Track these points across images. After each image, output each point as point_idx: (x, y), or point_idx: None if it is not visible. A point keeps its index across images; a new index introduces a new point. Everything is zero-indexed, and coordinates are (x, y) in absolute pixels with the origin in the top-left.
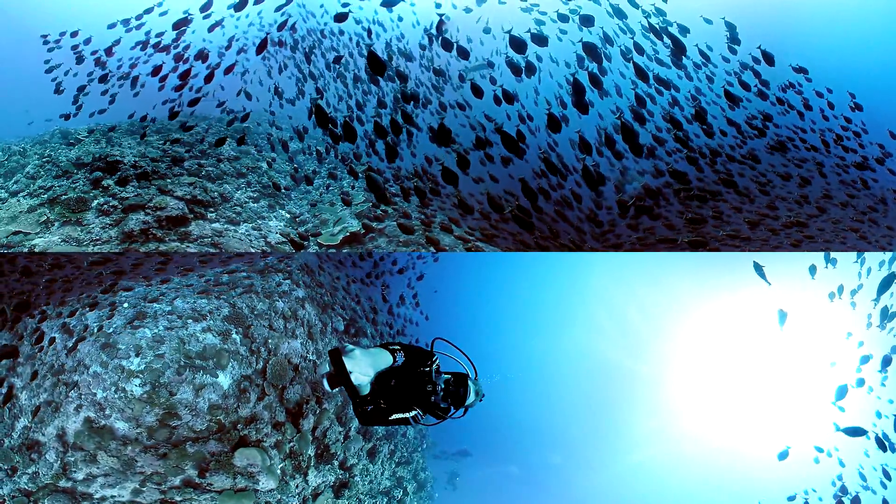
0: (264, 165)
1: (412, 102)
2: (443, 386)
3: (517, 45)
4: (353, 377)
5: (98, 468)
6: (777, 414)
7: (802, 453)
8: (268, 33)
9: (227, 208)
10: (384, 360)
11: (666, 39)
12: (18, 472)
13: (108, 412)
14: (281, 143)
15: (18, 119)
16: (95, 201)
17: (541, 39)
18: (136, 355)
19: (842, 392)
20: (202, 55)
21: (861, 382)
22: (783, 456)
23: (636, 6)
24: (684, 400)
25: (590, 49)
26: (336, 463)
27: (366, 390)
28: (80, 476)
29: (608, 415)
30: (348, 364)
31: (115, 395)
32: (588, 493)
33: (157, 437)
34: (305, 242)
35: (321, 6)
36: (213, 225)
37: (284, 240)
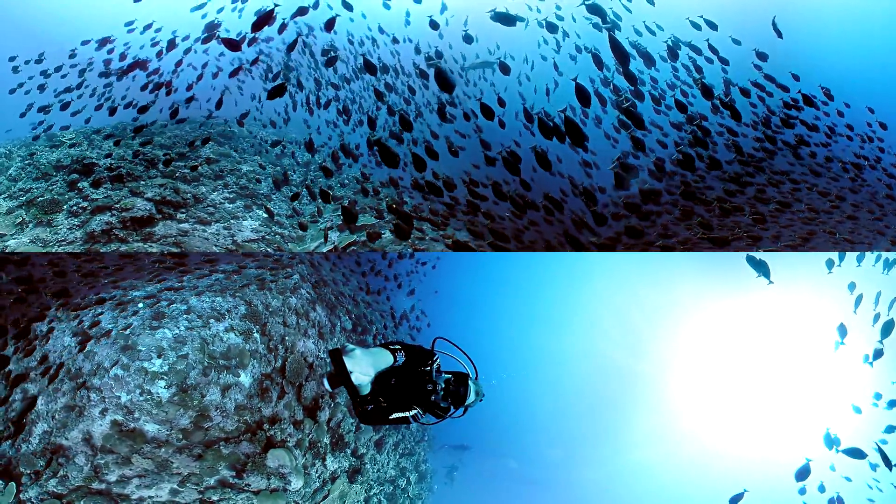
0: (244, 168)
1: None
2: (443, 385)
3: (574, 132)
4: (353, 377)
5: (131, 470)
6: (779, 416)
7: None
8: (241, 65)
9: (199, 209)
10: (385, 359)
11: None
12: (44, 476)
13: (136, 415)
14: (275, 181)
15: (3, 123)
16: (68, 203)
17: (584, 98)
18: (158, 357)
19: (843, 330)
20: (167, 85)
21: (880, 353)
22: (802, 475)
23: (679, 47)
24: (684, 400)
25: (632, 117)
26: (349, 451)
27: (366, 390)
28: (112, 478)
29: (608, 413)
30: (349, 364)
31: (141, 398)
32: (586, 490)
33: (192, 439)
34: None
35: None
36: (182, 225)
37: (255, 238)
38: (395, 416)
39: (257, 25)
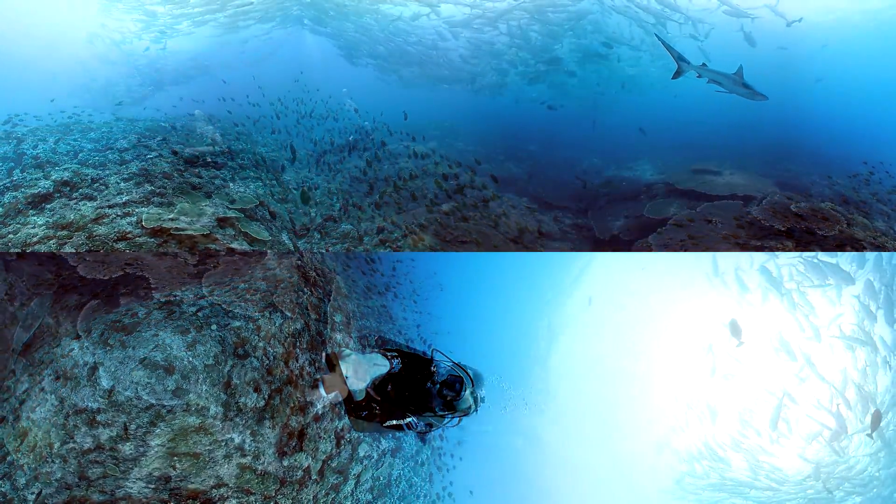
0: (151, 154)
1: None
2: (438, 384)
3: None
4: (348, 382)
5: None
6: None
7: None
8: None
9: (92, 187)
10: (381, 365)
11: None
12: None
13: (261, 459)
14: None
15: None
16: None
17: None
18: (255, 391)
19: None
20: None
21: None
22: None
23: None
24: (674, 394)
25: None
26: (390, 436)
27: (361, 396)
28: None
29: (605, 404)
30: (344, 369)
31: (251, 438)
32: (584, 465)
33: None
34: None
35: None
36: (71, 202)
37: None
38: (389, 423)
39: None
